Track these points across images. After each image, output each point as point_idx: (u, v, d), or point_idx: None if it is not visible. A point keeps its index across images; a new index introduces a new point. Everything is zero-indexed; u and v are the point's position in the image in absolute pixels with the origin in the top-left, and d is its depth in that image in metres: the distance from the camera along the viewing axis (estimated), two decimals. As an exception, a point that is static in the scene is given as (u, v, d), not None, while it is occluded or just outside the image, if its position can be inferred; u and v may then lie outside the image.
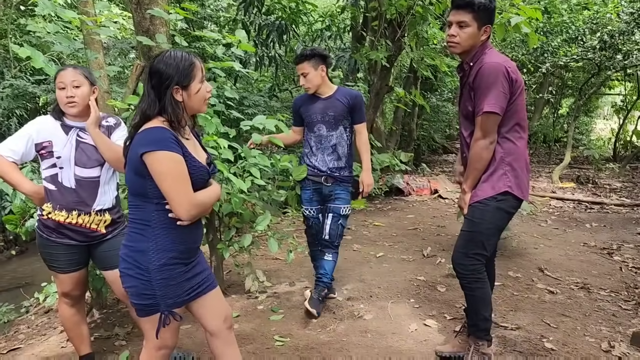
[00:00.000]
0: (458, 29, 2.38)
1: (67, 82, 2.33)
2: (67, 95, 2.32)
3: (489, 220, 2.45)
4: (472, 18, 2.34)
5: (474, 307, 2.60)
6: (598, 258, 4.74)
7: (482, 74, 2.33)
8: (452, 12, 2.41)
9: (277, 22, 7.83)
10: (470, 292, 2.56)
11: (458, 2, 2.37)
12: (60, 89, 2.33)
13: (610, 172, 11.02)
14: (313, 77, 3.21)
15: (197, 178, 1.79)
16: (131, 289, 1.80)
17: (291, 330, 3.12)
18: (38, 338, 3.17)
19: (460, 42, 2.39)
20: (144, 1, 3.92)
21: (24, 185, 2.36)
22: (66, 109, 2.35)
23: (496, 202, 2.43)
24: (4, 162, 2.29)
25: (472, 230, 2.49)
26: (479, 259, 2.50)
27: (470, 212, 2.50)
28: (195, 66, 1.78)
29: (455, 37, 2.39)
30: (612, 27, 8.97)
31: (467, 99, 2.46)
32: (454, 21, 2.39)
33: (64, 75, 2.34)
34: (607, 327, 3.18)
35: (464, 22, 2.35)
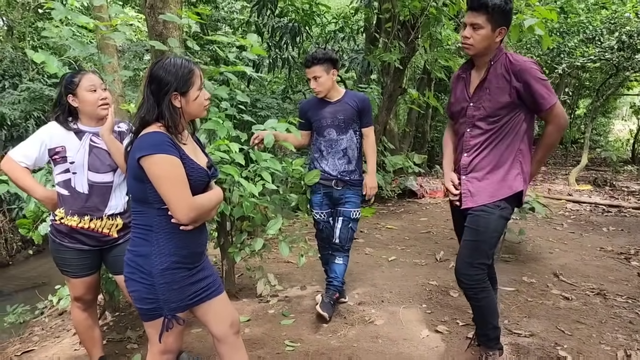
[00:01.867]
0: (472, 30, 2.35)
1: (97, 85, 2.37)
2: (101, 98, 2.37)
3: (493, 228, 2.43)
4: (486, 20, 2.30)
5: (482, 317, 2.57)
6: (615, 263, 4.65)
7: (528, 69, 2.30)
8: (468, 13, 2.38)
9: (290, 24, 7.84)
10: (477, 303, 2.53)
11: (472, 4, 2.34)
12: (91, 92, 2.35)
13: (628, 174, 10.85)
14: (325, 81, 3.20)
15: (196, 181, 1.80)
16: (134, 293, 1.82)
17: (302, 335, 3.11)
18: (51, 340, 3.21)
19: (474, 44, 2.36)
20: (157, 5, 3.93)
21: (37, 191, 2.39)
22: (99, 111, 2.38)
23: (500, 210, 2.42)
24: (17, 168, 2.32)
25: (478, 240, 2.45)
26: (483, 268, 2.48)
27: (474, 221, 2.46)
28: (194, 73, 1.81)
29: (469, 38, 2.36)
30: (631, 27, 8.82)
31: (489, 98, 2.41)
32: (468, 23, 2.36)
33: (91, 78, 2.37)
34: (624, 334, 3.12)
35: (478, 24, 2.32)
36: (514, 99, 2.34)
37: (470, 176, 2.51)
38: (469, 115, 2.50)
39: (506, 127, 2.40)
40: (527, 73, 2.29)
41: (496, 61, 2.38)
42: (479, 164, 2.47)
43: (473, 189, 2.50)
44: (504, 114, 2.38)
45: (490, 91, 2.39)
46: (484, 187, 2.46)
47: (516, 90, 2.33)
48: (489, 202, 2.43)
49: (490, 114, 2.40)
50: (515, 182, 2.42)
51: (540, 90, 2.29)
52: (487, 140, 2.44)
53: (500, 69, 2.36)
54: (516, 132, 2.40)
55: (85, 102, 2.37)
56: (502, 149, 2.42)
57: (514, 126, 2.39)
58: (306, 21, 8.01)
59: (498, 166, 2.44)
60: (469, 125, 2.50)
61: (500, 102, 2.36)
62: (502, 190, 2.42)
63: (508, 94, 2.34)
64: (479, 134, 2.46)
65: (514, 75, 2.32)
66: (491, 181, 2.45)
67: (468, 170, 2.51)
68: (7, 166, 2.32)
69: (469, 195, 2.52)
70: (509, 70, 2.34)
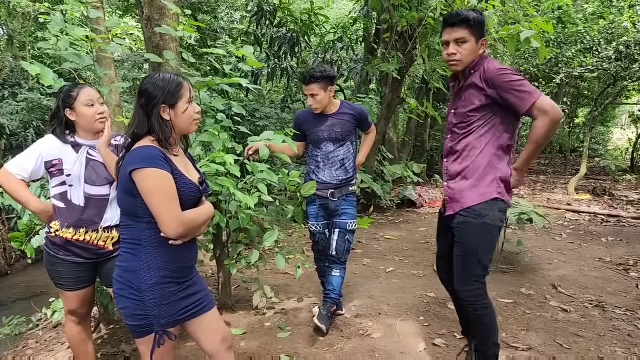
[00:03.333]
0: (457, 46, 2.36)
1: (95, 99, 2.37)
2: (99, 112, 2.37)
3: (480, 239, 2.40)
4: (470, 33, 2.34)
5: (483, 335, 2.52)
6: (614, 274, 4.63)
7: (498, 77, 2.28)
8: (446, 30, 2.40)
9: (288, 34, 7.87)
10: (478, 320, 2.48)
11: (453, 20, 2.36)
12: (89, 106, 2.35)
13: (627, 183, 10.84)
14: (322, 99, 3.21)
15: (186, 196, 1.79)
16: (124, 309, 1.80)
17: (298, 349, 3.08)
18: (45, 354, 3.18)
19: (462, 59, 2.37)
20: (154, 17, 3.96)
21: (33, 203, 2.38)
22: (96, 125, 2.39)
23: (481, 218, 2.38)
24: (13, 180, 2.31)
25: (466, 253, 2.43)
26: (481, 281, 2.44)
27: (459, 235, 2.45)
28: (183, 87, 1.82)
29: (456, 54, 2.37)
30: (628, 38, 8.85)
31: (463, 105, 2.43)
32: (451, 39, 2.38)
33: (88, 93, 2.37)
34: (622, 348, 3.09)
35: (462, 39, 2.35)
36: (483, 104, 2.34)
37: (449, 182, 2.53)
38: (449, 121, 2.55)
39: (477, 132, 2.39)
40: (498, 80, 2.28)
41: (475, 70, 2.40)
42: (454, 170, 2.49)
43: (451, 195, 2.51)
44: (473, 119, 2.38)
45: (465, 98, 2.42)
46: (458, 193, 2.46)
47: (488, 97, 2.32)
48: (465, 209, 2.42)
49: (462, 119, 2.43)
50: (489, 188, 2.39)
51: (513, 95, 2.25)
52: (460, 146, 2.45)
53: (477, 76, 2.37)
54: (490, 138, 2.38)
55: (83, 117, 2.37)
56: (475, 154, 2.40)
57: (487, 131, 2.37)
58: (305, 31, 8.03)
59: (471, 172, 2.42)
60: (449, 131, 2.55)
61: (470, 107, 2.38)
62: (474, 197, 2.40)
63: (478, 99, 2.35)
64: (454, 139, 2.49)
65: (486, 83, 2.32)
66: (464, 186, 2.44)
67: (447, 176, 2.55)
68: (3, 179, 2.31)
69: (448, 202, 2.54)
70: (481, 78, 2.35)
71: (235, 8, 10.76)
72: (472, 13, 2.34)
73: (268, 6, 7.64)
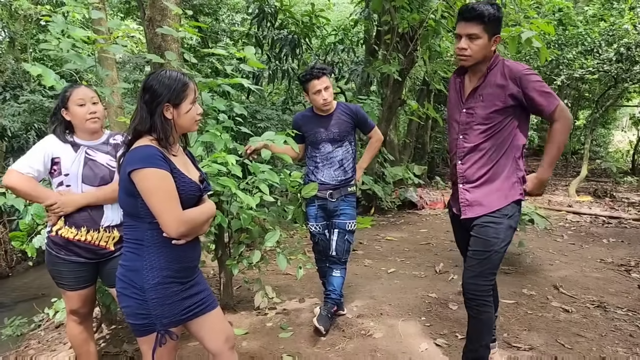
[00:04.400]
0: (469, 41, 2.33)
1: (87, 99, 2.37)
2: (90, 112, 2.36)
3: (502, 238, 2.40)
4: (483, 30, 2.30)
5: (477, 333, 2.52)
6: (615, 275, 4.63)
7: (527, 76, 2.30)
8: (460, 24, 2.36)
9: (290, 36, 7.89)
10: (477, 316, 2.48)
11: (467, 15, 2.32)
12: (80, 106, 2.35)
13: (628, 185, 10.84)
14: (332, 92, 3.21)
15: (187, 195, 1.79)
16: (127, 308, 1.80)
17: (299, 349, 3.08)
18: (47, 354, 3.18)
19: (472, 55, 2.35)
20: (156, 18, 3.97)
21: (50, 196, 2.31)
22: (87, 125, 2.38)
23: (508, 219, 2.40)
24: (24, 178, 2.26)
25: (488, 250, 2.41)
26: (491, 279, 2.45)
27: (483, 232, 2.43)
28: (188, 87, 1.82)
29: (466, 49, 2.34)
30: (629, 39, 8.86)
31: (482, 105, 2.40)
32: (463, 34, 2.34)
33: (81, 92, 2.37)
34: (624, 348, 3.09)
35: (475, 34, 2.31)
36: (507, 105, 2.34)
37: (468, 186, 2.49)
38: (461, 121, 2.49)
39: (500, 135, 2.38)
40: (525, 79, 2.30)
41: (492, 68, 2.38)
42: (475, 173, 2.45)
43: (471, 198, 2.48)
44: (496, 120, 2.37)
45: (484, 98, 2.39)
46: (483, 197, 2.44)
47: (513, 97, 2.32)
48: (490, 212, 2.41)
49: (483, 120, 2.39)
50: (512, 190, 2.41)
51: (539, 95, 2.29)
52: (482, 148, 2.42)
53: (497, 75, 2.36)
54: (511, 140, 2.39)
55: (75, 116, 2.37)
56: (497, 156, 2.40)
57: (508, 134, 2.39)
58: (306, 33, 8.05)
59: (495, 174, 2.42)
60: (462, 131, 2.49)
61: (492, 108, 2.36)
62: (501, 200, 2.40)
63: (502, 100, 2.34)
64: (472, 141, 2.44)
65: (512, 81, 2.31)
66: (489, 190, 2.43)
67: (465, 179, 2.50)
68: (13, 179, 2.25)
69: (467, 205, 2.50)
70: (505, 77, 2.33)
71: (236, 10, 10.79)
72: (489, 8, 2.28)
73: (269, 8, 7.66)
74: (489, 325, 2.51)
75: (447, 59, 8.19)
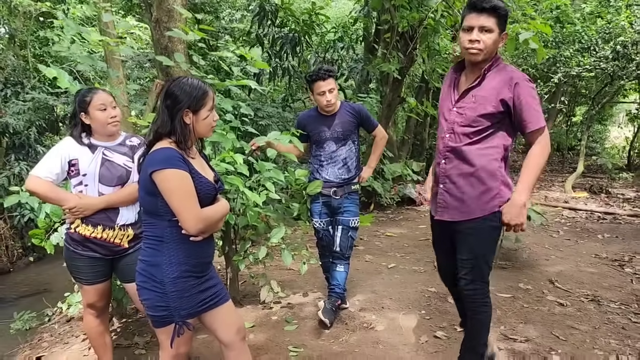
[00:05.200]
0: (482, 34, 2.22)
1: (107, 103, 2.48)
2: (111, 116, 2.48)
3: (487, 243, 2.41)
4: (496, 23, 2.21)
5: (475, 331, 2.55)
6: (609, 270, 4.76)
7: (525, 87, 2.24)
8: (472, 15, 2.23)
9: (290, 34, 7.97)
10: (475, 316, 2.51)
11: (483, 5, 2.20)
12: (101, 110, 2.46)
13: (623, 181, 10.98)
14: (336, 94, 3.31)
15: (204, 194, 1.91)
16: (147, 301, 1.92)
17: (304, 341, 3.20)
18: (61, 346, 3.29)
19: (484, 49, 2.23)
20: (163, 20, 4.06)
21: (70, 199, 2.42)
22: (109, 128, 2.50)
23: (489, 222, 2.36)
24: (44, 183, 2.38)
25: (474, 257, 2.41)
26: (486, 280, 2.47)
27: (466, 241, 2.41)
28: (208, 95, 1.94)
29: (479, 42, 2.22)
30: (625, 37, 8.97)
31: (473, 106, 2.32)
32: (476, 25, 2.21)
33: (102, 97, 2.48)
34: (616, 340, 3.22)
35: (489, 27, 2.21)
36: (498, 110, 2.26)
37: (449, 187, 2.43)
38: (450, 120, 2.41)
39: (486, 140, 2.31)
40: (522, 87, 2.23)
41: (491, 70, 2.31)
42: (457, 175, 2.39)
43: (450, 200, 2.43)
44: (484, 125, 2.29)
45: (476, 99, 2.30)
46: (462, 201, 2.39)
47: (504, 102, 2.24)
48: (469, 219, 2.37)
49: (471, 122, 2.31)
50: (494, 200, 2.34)
51: (530, 109, 2.22)
52: (466, 150, 2.34)
53: (495, 78, 2.28)
54: (496, 147, 2.32)
55: (96, 120, 2.48)
56: (481, 161, 2.32)
57: (494, 140, 2.31)
58: (306, 31, 8.13)
59: (478, 180, 2.34)
60: (449, 130, 2.41)
61: (482, 111, 2.28)
62: (481, 209, 2.35)
63: (493, 105, 2.26)
64: (458, 141, 2.37)
65: (507, 86, 2.23)
66: (470, 196, 2.36)
67: (446, 179, 2.44)
68: (34, 184, 2.38)
69: (444, 207, 2.46)
70: (503, 81, 2.25)
71: (236, 8, 10.85)
72: (501, 2, 2.21)
73: (269, 6, 7.74)
74: (487, 324, 2.54)
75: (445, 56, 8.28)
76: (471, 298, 2.49)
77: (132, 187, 2.50)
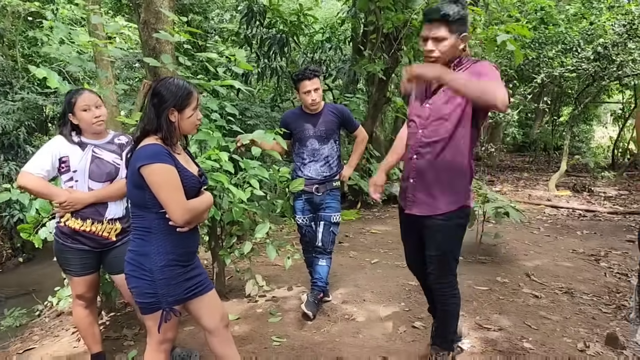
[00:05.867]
0: (435, 43, 2.30)
1: (91, 104, 2.58)
2: (95, 116, 2.58)
3: (453, 239, 2.52)
4: (449, 31, 2.27)
5: (445, 321, 2.69)
6: (585, 264, 4.92)
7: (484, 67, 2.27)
8: (426, 26, 2.31)
9: (278, 35, 8.08)
10: (444, 307, 2.63)
11: (432, 17, 2.28)
12: (85, 111, 2.57)
13: (606, 180, 11.19)
14: (321, 93, 3.44)
15: (189, 187, 2.03)
16: (136, 289, 2.04)
17: (288, 332, 3.33)
18: (51, 339, 3.39)
19: (439, 57, 2.32)
20: (151, 21, 4.16)
21: (62, 194, 2.53)
22: (94, 128, 2.60)
23: (456, 219, 2.47)
24: (36, 179, 2.49)
25: (442, 253, 2.52)
26: (453, 274, 2.60)
27: (433, 237, 2.51)
28: (192, 95, 2.07)
29: (434, 51, 2.31)
30: (605, 39, 9.18)
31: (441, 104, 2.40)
32: (430, 36, 2.30)
33: (86, 98, 2.58)
34: (586, 329, 3.37)
35: (440, 37, 2.28)
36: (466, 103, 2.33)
37: (418, 181, 2.50)
38: (422, 116, 2.47)
39: (457, 134, 2.38)
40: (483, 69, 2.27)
41: (459, 67, 2.36)
42: (428, 169, 2.46)
43: (419, 195, 2.51)
44: (455, 118, 2.36)
45: (446, 93, 2.38)
46: (431, 196, 2.47)
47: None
48: (437, 214, 2.45)
49: (443, 116, 2.39)
50: (462, 195, 2.45)
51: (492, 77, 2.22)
52: (438, 145, 2.41)
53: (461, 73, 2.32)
54: (466, 141, 2.40)
55: (81, 121, 2.59)
56: (452, 156, 2.40)
57: (465, 134, 2.39)
58: (294, 32, 8.24)
59: (448, 174, 2.43)
60: (422, 126, 2.47)
61: (451, 105, 2.36)
62: (450, 204, 2.44)
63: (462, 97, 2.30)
64: (430, 136, 2.44)
65: (472, 76, 2.24)
66: (440, 190, 2.45)
67: (417, 174, 2.50)
68: (26, 180, 2.48)
69: (413, 201, 2.54)
70: (469, 73, 2.30)
71: (225, 8, 10.94)
72: (453, 7, 2.25)
73: (258, 7, 7.85)
74: (456, 314, 2.69)
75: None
76: (440, 292, 2.62)
77: (120, 182, 2.62)
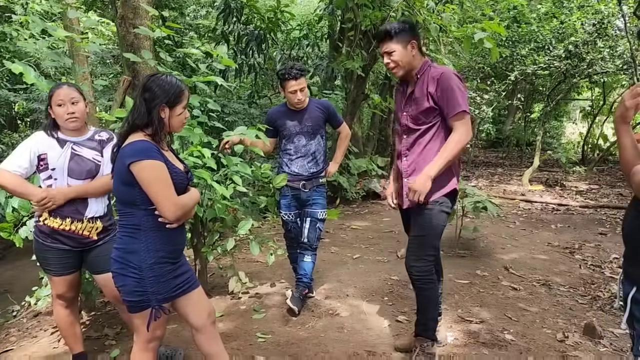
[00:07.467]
0: (389, 57, 2.65)
1: (66, 100, 2.50)
2: (67, 112, 2.50)
3: (435, 223, 2.68)
4: (395, 43, 2.62)
5: (424, 308, 2.81)
6: (560, 257, 5.05)
7: (444, 79, 2.56)
8: (379, 44, 2.71)
9: (255, 31, 8.04)
10: (422, 293, 2.77)
11: (378, 37, 2.69)
12: (59, 106, 2.49)
13: (577, 175, 11.47)
14: (306, 92, 3.44)
15: (178, 183, 2.02)
16: (124, 287, 2.00)
17: (272, 328, 3.32)
18: (29, 340, 3.31)
19: (396, 66, 2.66)
20: (129, 16, 4.09)
21: (37, 193, 2.45)
22: (67, 124, 2.52)
23: (439, 205, 2.67)
24: (12, 177, 2.42)
25: (423, 235, 2.71)
26: (431, 260, 2.74)
27: (418, 219, 2.73)
28: (183, 94, 2.06)
29: (390, 63, 2.66)
30: (576, 38, 9.40)
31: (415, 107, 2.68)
32: (383, 51, 2.68)
33: (61, 92, 2.50)
34: (564, 319, 3.46)
35: (390, 50, 2.63)
36: (431, 105, 2.60)
37: (410, 179, 2.74)
38: (402, 123, 2.79)
39: (431, 131, 2.65)
40: (445, 80, 2.56)
41: (422, 73, 2.67)
42: (414, 167, 2.73)
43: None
44: (426, 119, 2.64)
45: (416, 100, 2.67)
46: None
47: (431, 95, 2.59)
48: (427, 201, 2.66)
49: (416, 120, 2.68)
50: (448, 182, 2.68)
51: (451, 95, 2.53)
52: (419, 145, 2.70)
53: (425, 79, 2.64)
54: (440, 138, 2.65)
55: (56, 116, 2.52)
56: (432, 152, 2.64)
57: (438, 132, 2.65)
58: (271, 28, 8.20)
59: None
60: (404, 132, 2.79)
61: (421, 109, 2.64)
62: (435, 193, 2.64)
63: (427, 101, 2.61)
64: (411, 139, 2.73)
65: (433, 81, 2.58)
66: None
67: (408, 173, 2.78)
68: (2, 177, 2.41)
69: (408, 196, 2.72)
70: (432, 79, 2.60)
71: (201, 4, 10.82)
72: (394, 25, 2.62)
73: (235, 3, 7.78)
74: (434, 300, 2.83)
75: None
76: (417, 275, 2.74)
77: (103, 178, 2.56)
